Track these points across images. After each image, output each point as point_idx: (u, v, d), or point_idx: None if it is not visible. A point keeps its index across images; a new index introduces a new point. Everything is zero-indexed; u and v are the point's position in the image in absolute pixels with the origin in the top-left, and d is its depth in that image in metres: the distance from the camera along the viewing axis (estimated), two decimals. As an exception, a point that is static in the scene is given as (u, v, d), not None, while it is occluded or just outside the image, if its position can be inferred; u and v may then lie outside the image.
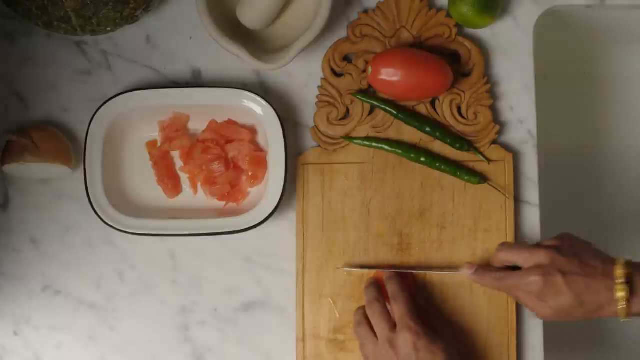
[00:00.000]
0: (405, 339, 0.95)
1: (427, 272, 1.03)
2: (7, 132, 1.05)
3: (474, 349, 1.03)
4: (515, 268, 0.97)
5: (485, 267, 0.99)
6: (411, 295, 0.99)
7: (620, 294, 0.90)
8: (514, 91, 1.07)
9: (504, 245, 0.98)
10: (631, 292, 0.90)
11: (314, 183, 1.05)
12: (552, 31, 1.14)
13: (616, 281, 0.90)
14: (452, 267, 1.03)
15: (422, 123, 1.05)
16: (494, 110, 1.07)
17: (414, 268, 1.03)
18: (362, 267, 1.04)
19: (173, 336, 1.06)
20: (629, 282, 0.90)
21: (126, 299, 1.06)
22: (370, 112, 1.06)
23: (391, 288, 0.99)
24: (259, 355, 1.05)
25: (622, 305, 0.90)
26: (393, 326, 0.97)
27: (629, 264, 0.92)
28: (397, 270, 1.03)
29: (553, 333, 1.07)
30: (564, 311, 0.93)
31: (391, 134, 1.06)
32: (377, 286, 1.01)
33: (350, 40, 1.07)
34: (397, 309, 0.97)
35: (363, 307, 1.01)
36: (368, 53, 1.06)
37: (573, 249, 0.94)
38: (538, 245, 0.96)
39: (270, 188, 1.01)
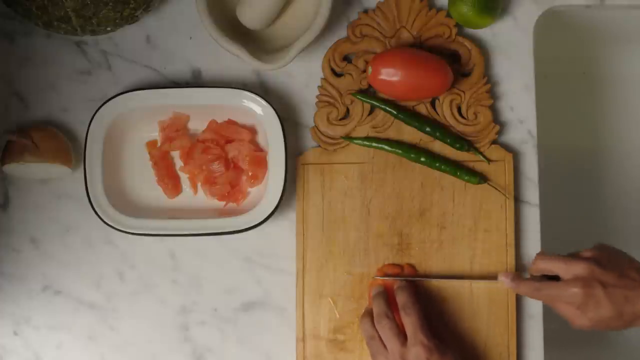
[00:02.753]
0: (418, 355, 0.95)
1: (453, 280, 1.02)
2: (7, 132, 1.05)
3: (474, 350, 1.02)
4: (552, 277, 0.96)
5: (521, 275, 0.99)
6: (421, 306, 0.99)
7: None
8: (514, 91, 1.07)
9: (542, 255, 0.97)
10: None
11: (314, 183, 1.05)
12: (552, 31, 1.14)
13: None
14: (486, 277, 1.03)
15: (422, 123, 1.05)
16: (494, 110, 1.07)
17: (436, 276, 1.03)
18: (395, 276, 1.03)
19: (173, 336, 1.06)
20: None
21: (126, 299, 1.06)
22: (370, 112, 1.06)
23: (402, 299, 0.99)
24: (259, 355, 1.05)
25: None
26: (404, 340, 0.97)
27: None
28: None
29: (553, 333, 1.07)
30: (602, 322, 0.93)
31: (391, 134, 1.06)
32: (385, 296, 1.01)
33: (350, 40, 1.07)
34: (409, 322, 0.97)
35: (370, 316, 1.01)
36: (368, 53, 1.06)
37: (611, 260, 0.94)
38: (576, 256, 0.95)
39: (270, 188, 1.01)
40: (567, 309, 0.94)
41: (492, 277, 1.02)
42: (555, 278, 0.96)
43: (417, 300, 0.99)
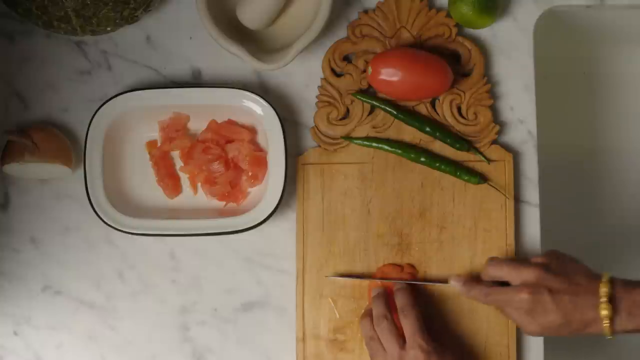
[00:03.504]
0: (416, 358, 0.95)
1: (415, 282, 1.02)
2: (7, 132, 1.05)
3: (473, 350, 1.03)
4: (504, 283, 0.97)
5: (473, 280, 0.99)
6: (420, 309, 0.99)
7: (604, 312, 0.91)
8: (514, 91, 1.07)
9: (493, 260, 0.98)
10: (615, 310, 0.91)
11: (314, 183, 1.05)
12: (552, 31, 1.14)
13: (600, 299, 0.91)
14: (442, 280, 1.03)
15: (422, 123, 1.05)
16: (494, 110, 1.07)
17: (403, 277, 1.03)
18: (350, 276, 1.03)
19: (173, 336, 1.06)
20: (613, 300, 0.91)
21: (126, 299, 1.06)
22: (370, 112, 1.06)
23: (400, 302, 0.99)
24: (259, 355, 1.05)
25: (605, 323, 0.91)
26: (403, 343, 0.97)
27: (612, 282, 0.92)
28: (385, 280, 1.02)
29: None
30: (551, 328, 0.93)
31: (391, 134, 1.06)
32: (385, 298, 1.01)
33: (350, 40, 1.07)
34: (407, 324, 0.97)
35: (370, 316, 1.01)
36: (368, 53, 1.06)
37: (561, 267, 0.95)
38: (527, 262, 0.96)
39: (270, 188, 1.01)
40: (517, 315, 0.94)
41: (444, 281, 1.02)
42: (507, 284, 0.96)
43: (416, 302, 1.00)
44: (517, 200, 1.06)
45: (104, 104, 1.04)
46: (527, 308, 0.93)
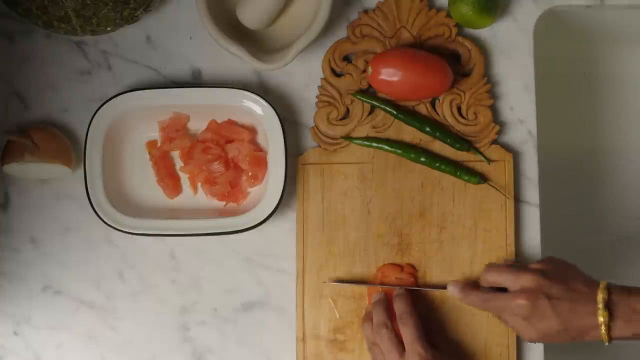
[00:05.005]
0: None
1: (413, 288, 1.02)
2: (7, 132, 1.05)
3: (474, 352, 1.02)
4: (501, 289, 0.97)
5: (471, 285, 0.99)
6: (419, 316, 0.99)
7: (601, 319, 0.90)
8: (514, 91, 1.07)
9: (491, 266, 0.98)
10: (611, 317, 0.91)
11: (314, 183, 1.05)
12: (552, 31, 1.14)
13: (597, 306, 0.91)
14: (441, 285, 1.02)
15: (422, 123, 1.05)
16: (494, 110, 1.07)
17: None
18: (349, 282, 1.03)
19: (173, 336, 1.06)
20: (610, 306, 0.91)
21: (126, 299, 1.06)
22: (370, 112, 1.06)
23: (399, 309, 0.99)
24: (259, 355, 1.05)
25: (603, 330, 0.91)
26: (402, 350, 0.97)
27: (610, 288, 0.92)
28: (385, 286, 1.02)
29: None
30: (549, 335, 0.93)
31: (391, 134, 1.06)
32: (385, 305, 1.00)
33: (350, 40, 1.07)
34: (406, 332, 0.97)
35: (371, 321, 1.00)
36: (368, 53, 1.06)
37: (559, 273, 0.94)
38: (525, 268, 0.96)
39: (270, 188, 1.01)
40: (515, 321, 0.94)
41: (442, 286, 1.02)
42: (504, 290, 0.96)
43: (414, 308, 0.99)
44: (517, 200, 1.06)
45: (104, 104, 1.04)
46: (525, 314, 0.93)
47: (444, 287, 1.02)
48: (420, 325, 0.98)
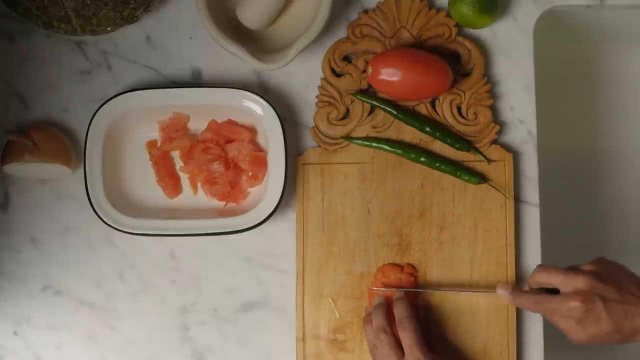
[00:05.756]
0: None
1: (455, 291, 1.02)
2: (7, 132, 1.05)
3: (474, 351, 1.02)
4: (550, 290, 0.96)
5: (520, 288, 0.99)
6: (418, 320, 0.99)
7: None
8: (514, 91, 1.07)
9: (541, 267, 0.97)
10: None
11: (314, 183, 1.05)
12: (552, 31, 1.14)
13: None
14: (484, 288, 1.02)
15: (422, 123, 1.05)
16: (494, 110, 1.07)
17: (437, 286, 1.03)
18: (393, 287, 1.03)
19: (173, 336, 1.06)
20: None
21: (126, 299, 1.06)
22: (370, 112, 1.06)
23: (399, 313, 0.99)
24: (259, 355, 1.05)
25: None
26: (401, 355, 0.97)
27: None
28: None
29: (553, 332, 1.07)
30: (601, 337, 0.92)
31: (391, 134, 1.06)
32: (385, 309, 1.00)
33: (350, 40, 1.07)
34: (406, 337, 0.97)
35: (371, 323, 1.00)
36: (368, 53, 1.06)
37: (611, 275, 0.94)
38: (576, 269, 0.95)
39: (270, 188, 1.01)
40: (566, 323, 0.93)
41: (491, 287, 1.02)
42: (554, 291, 0.95)
43: (414, 313, 0.99)
44: (517, 200, 1.06)
45: (104, 104, 1.04)
46: (578, 316, 0.92)
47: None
48: (420, 329, 0.98)
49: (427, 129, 1.05)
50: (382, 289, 1.02)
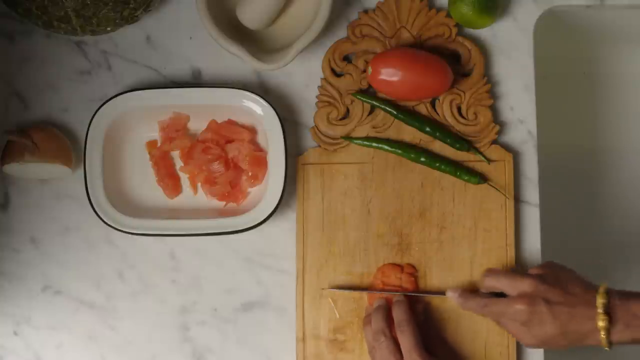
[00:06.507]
0: None
1: (413, 294, 1.02)
2: (7, 132, 1.05)
3: (474, 352, 1.02)
4: (500, 294, 0.97)
5: (470, 291, 0.99)
6: (417, 322, 0.99)
7: (600, 323, 0.90)
8: (514, 91, 1.07)
9: (490, 272, 0.98)
10: (611, 322, 0.90)
11: (314, 183, 1.05)
12: (552, 31, 1.14)
13: (597, 310, 0.91)
14: (438, 292, 1.02)
15: (422, 123, 1.05)
16: (494, 110, 1.07)
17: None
18: (350, 288, 1.03)
19: (173, 336, 1.06)
20: (609, 311, 0.90)
21: (126, 299, 1.06)
22: (370, 112, 1.06)
23: (397, 317, 0.99)
24: (259, 355, 1.05)
25: (602, 334, 0.91)
26: (400, 358, 0.97)
27: (609, 293, 0.92)
28: (384, 292, 1.02)
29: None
30: (547, 340, 0.93)
31: (391, 134, 1.06)
32: (385, 312, 1.00)
33: (350, 40, 1.07)
34: (404, 340, 0.97)
35: (371, 325, 1.01)
36: (368, 53, 1.06)
37: (557, 278, 0.94)
38: (523, 273, 0.96)
39: (270, 188, 1.01)
40: (513, 326, 0.94)
41: (441, 292, 1.02)
42: (503, 295, 0.96)
43: (412, 317, 0.99)
44: (517, 200, 1.06)
45: (104, 104, 1.04)
46: (523, 319, 0.93)
47: (443, 293, 1.02)
48: (418, 333, 0.98)
49: (427, 129, 1.05)
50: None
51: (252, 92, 1.03)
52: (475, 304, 0.97)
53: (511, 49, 1.08)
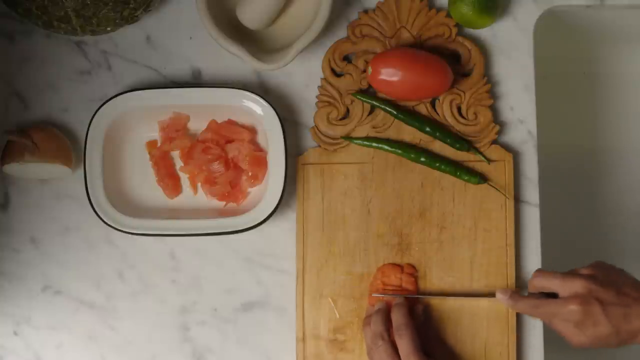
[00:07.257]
0: None
1: (455, 297, 1.02)
2: (7, 132, 1.05)
3: (474, 352, 1.02)
4: (549, 294, 0.96)
5: (519, 292, 0.99)
6: (416, 326, 0.99)
7: None
8: (514, 91, 1.07)
9: (539, 272, 0.97)
10: None
11: (314, 183, 1.05)
12: (552, 31, 1.14)
13: None
14: (484, 292, 1.02)
15: (422, 123, 1.05)
16: (494, 110, 1.07)
17: (440, 293, 1.03)
18: (393, 286, 1.03)
19: (173, 336, 1.06)
20: None
21: (126, 299, 1.06)
22: (370, 112, 1.06)
23: (396, 320, 0.99)
24: (259, 355, 1.05)
25: None
26: None
27: None
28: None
29: (553, 333, 1.07)
30: (600, 340, 0.93)
31: (391, 134, 1.06)
32: (384, 315, 1.00)
33: (350, 40, 1.07)
34: (403, 345, 0.97)
35: (370, 324, 1.01)
36: (368, 53, 1.06)
37: (609, 278, 0.94)
38: (574, 273, 0.95)
39: (270, 188, 1.01)
40: (565, 327, 0.94)
41: (491, 294, 1.02)
42: (553, 295, 0.95)
43: (411, 320, 0.99)
44: (517, 200, 1.06)
45: (104, 104, 1.04)
46: (576, 320, 0.92)
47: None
48: (417, 337, 0.98)
49: (427, 129, 1.05)
50: (382, 295, 1.02)
51: (252, 92, 1.03)
52: (527, 305, 0.96)
53: (511, 49, 1.08)
